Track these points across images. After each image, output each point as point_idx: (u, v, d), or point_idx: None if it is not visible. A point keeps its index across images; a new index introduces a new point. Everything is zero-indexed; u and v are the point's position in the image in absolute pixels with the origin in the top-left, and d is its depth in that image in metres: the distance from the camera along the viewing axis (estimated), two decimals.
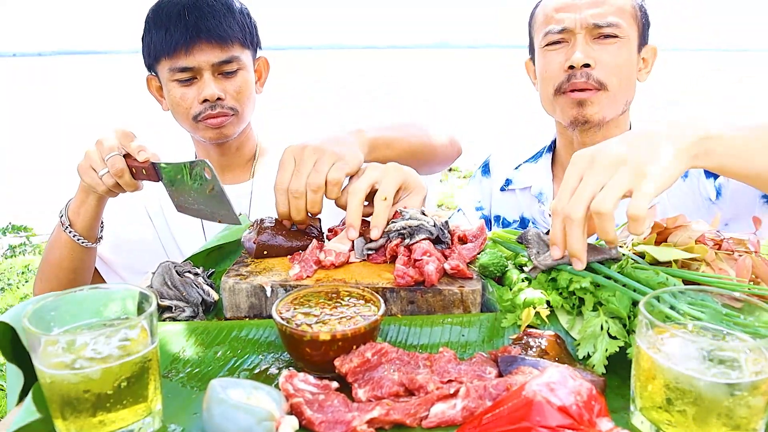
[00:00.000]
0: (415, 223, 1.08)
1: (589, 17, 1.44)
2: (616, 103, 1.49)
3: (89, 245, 1.42)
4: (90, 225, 1.40)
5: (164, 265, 1.07)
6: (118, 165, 1.24)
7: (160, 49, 1.50)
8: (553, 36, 1.49)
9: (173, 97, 1.55)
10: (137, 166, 1.25)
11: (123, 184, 1.27)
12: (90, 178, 1.28)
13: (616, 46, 1.46)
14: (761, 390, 0.63)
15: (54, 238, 1.44)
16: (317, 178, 1.13)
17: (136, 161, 1.25)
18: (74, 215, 1.39)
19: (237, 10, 1.55)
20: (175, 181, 1.25)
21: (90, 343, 0.67)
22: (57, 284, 1.47)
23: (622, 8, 1.46)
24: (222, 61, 1.51)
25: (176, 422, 0.73)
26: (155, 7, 1.54)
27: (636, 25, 1.49)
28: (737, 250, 0.97)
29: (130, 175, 1.26)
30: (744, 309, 0.74)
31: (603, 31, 1.45)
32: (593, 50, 1.46)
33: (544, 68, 1.54)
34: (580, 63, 1.44)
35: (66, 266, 1.45)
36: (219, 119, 1.54)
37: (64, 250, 1.42)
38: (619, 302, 0.85)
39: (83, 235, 1.40)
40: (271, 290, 1.00)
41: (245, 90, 1.57)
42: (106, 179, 1.26)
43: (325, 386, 0.75)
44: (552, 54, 1.51)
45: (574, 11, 1.46)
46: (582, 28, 1.45)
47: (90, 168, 1.27)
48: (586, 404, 0.63)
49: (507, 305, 0.96)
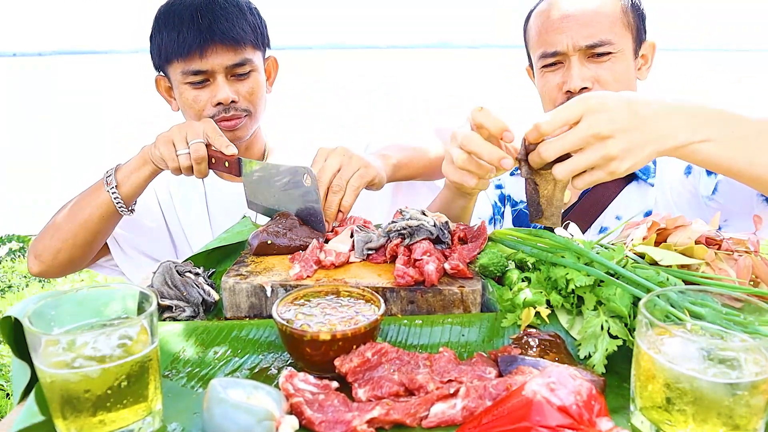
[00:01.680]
0: (415, 223, 1.08)
1: (581, 39, 1.45)
2: None
3: (124, 212, 1.45)
4: (134, 192, 1.43)
5: (165, 265, 1.07)
6: (201, 152, 1.31)
7: (172, 51, 1.50)
8: (548, 59, 1.51)
9: (186, 99, 1.54)
10: (219, 157, 1.31)
11: (197, 170, 1.33)
12: (168, 151, 1.32)
13: (611, 62, 1.47)
14: (761, 390, 0.63)
15: (86, 197, 1.45)
16: (339, 182, 1.24)
17: (219, 153, 1.31)
18: (124, 178, 1.41)
19: (248, 10, 1.55)
20: (257, 179, 1.29)
21: (90, 343, 0.67)
22: (72, 243, 1.48)
23: (612, 21, 1.46)
24: (235, 63, 1.51)
25: (176, 422, 0.73)
26: (165, 8, 1.53)
27: (629, 31, 1.49)
28: (737, 250, 0.97)
29: (207, 165, 1.33)
30: (744, 309, 0.74)
31: (596, 50, 1.45)
32: (589, 70, 1.47)
33: (543, 89, 1.57)
34: (577, 88, 1.46)
35: (91, 227, 1.46)
36: (233, 122, 1.55)
37: (97, 211, 1.44)
38: (620, 300, 0.85)
39: (124, 200, 1.42)
40: (271, 290, 1.00)
41: (257, 91, 1.58)
42: (183, 159, 1.32)
43: (325, 386, 0.75)
44: (549, 75, 1.53)
45: (566, 32, 1.46)
46: (575, 51, 1.46)
47: (171, 142, 1.33)
48: (586, 404, 0.63)
49: (507, 305, 0.96)
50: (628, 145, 0.88)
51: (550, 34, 1.48)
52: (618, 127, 0.88)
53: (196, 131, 1.32)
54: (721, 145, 0.94)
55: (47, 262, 1.51)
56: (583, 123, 0.89)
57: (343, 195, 1.24)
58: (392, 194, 1.77)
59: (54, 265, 1.51)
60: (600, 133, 0.88)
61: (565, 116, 0.90)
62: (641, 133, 0.89)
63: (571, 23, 1.45)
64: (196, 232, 1.67)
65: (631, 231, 1.09)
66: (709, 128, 0.94)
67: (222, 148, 1.30)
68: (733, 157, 0.96)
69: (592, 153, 0.89)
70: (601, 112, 0.88)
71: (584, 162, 0.89)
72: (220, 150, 1.31)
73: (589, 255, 0.92)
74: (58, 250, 1.49)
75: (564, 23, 1.46)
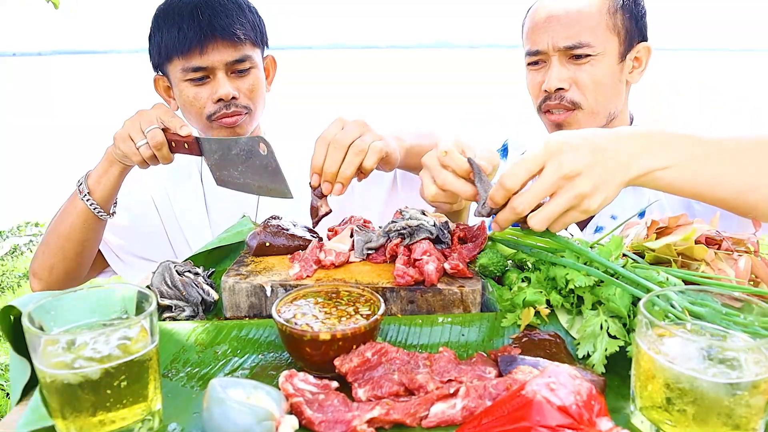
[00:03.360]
0: (415, 223, 1.08)
1: (561, 40, 1.46)
2: (595, 117, 1.53)
3: (104, 216, 1.45)
4: (109, 195, 1.43)
5: (164, 265, 1.07)
6: (158, 138, 1.29)
7: (172, 48, 1.49)
8: (531, 57, 1.54)
9: (186, 97, 1.54)
10: (177, 140, 1.30)
11: (160, 156, 1.32)
12: (127, 146, 1.32)
13: (589, 65, 1.47)
14: (761, 389, 0.63)
15: (66, 209, 1.46)
16: (361, 143, 1.13)
17: (176, 135, 1.30)
18: (95, 184, 1.41)
19: (247, 7, 1.55)
20: (219, 156, 1.28)
21: (90, 343, 0.67)
22: (62, 257, 1.48)
23: (595, 24, 1.46)
24: (235, 60, 1.51)
25: (176, 422, 0.73)
26: (164, 6, 1.52)
27: (615, 34, 1.49)
28: (737, 250, 0.97)
29: (168, 149, 1.32)
30: (744, 309, 0.74)
31: (575, 52, 1.46)
32: (568, 70, 1.48)
33: (528, 85, 1.60)
34: (553, 88, 1.48)
35: (75, 237, 1.46)
36: (234, 118, 1.55)
37: (77, 220, 1.44)
38: (620, 300, 0.85)
39: (100, 204, 1.42)
40: (271, 290, 1.00)
41: (258, 88, 1.58)
42: (144, 150, 1.31)
43: (325, 386, 0.75)
44: (533, 73, 1.56)
45: (548, 32, 1.48)
46: (555, 51, 1.48)
47: (128, 137, 1.32)
48: (585, 404, 0.63)
49: (507, 305, 0.96)
50: (596, 179, 0.88)
51: (535, 33, 1.51)
52: (583, 163, 0.88)
53: (149, 118, 1.31)
54: (685, 169, 0.94)
55: (45, 279, 1.52)
56: (548, 168, 0.88)
57: (365, 157, 1.15)
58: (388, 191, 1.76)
59: (51, 281, 1.52)
60: (568, 173, 0.87)
61: (529, 167, 0.90)
62: (605, 166, 0.89)
63: (553, 24, 1.47)
64: (196, 232, 1.67)
65: (630, 231, 1.09)
66: (670, 152, 0.94)
67: (177, 129, 1.29)
68: (696, 181, 0.95)
69: (564, 195, 0.88)
70: (564, 152, 0.88)
71: (559, 207, 0.89)
72: (176, 131, 1.30)
73: (589, 254, 0.92)
74: (51, 266, 1.50)
75: (547, 23, 1.48)
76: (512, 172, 0.89)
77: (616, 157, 0.90)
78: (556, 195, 0.89)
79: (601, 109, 1.52)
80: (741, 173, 0.97)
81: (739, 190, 0.97)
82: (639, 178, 0.93)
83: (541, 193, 0.89)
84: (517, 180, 0.89)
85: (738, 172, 0.97)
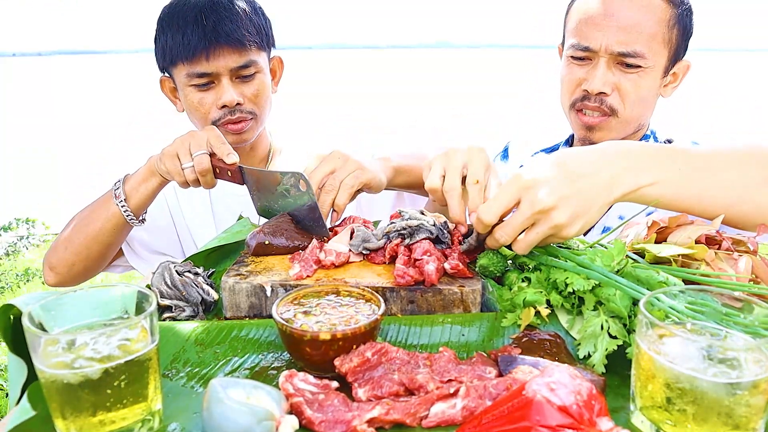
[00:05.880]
0: (415, 223, 1.08)
1: (615, 44, 1.39)
2: (626, 127, 1.50)
3: (135, 223, 1.44)
4: (143, 204, 1.42)
5: (164, 265, 1.07)
6: (205, 164, 1.29)
7: (177, 53, 1.48)
8: (577, 52, 1.47)
9: (191, 101, 1.54)
10: (222, 167, 1.30)
11: (203, 182, 1.32)
12: (173, 165, 1.31)
13: (637, 75, 1.43)
14: (761, 389, 0.63)
15: (97, 210, 1.45)
16: (332, 182, 1.22)
17: (222, 162, 1.29)
18: (132, 191, 1.40)
19: (252, 10, 1.54)
20: (260, 187, 1.28)
21: (90, 343, 0.67)
22: (86, 256, 1.48)
23: (652, 35, 1.40)
24: (240, 65, 1.50)
25: (176, 422, 0.73)
26: (169, 9, 1.51)
27: (667, 49, 1.44)
28: (737, 250, 0.97)
29: (213, 175, 1.32)
30: (744, 309, 0.74)
31: (626, 60, 1.41)
32: (613, 75, 1.43)
33: (564, 77, 1.54)
34: (596, 91, 1.44)
35: (103, 240, 1.46)
36: (240, 125, 1.55)
37: (108, 224, 1.44)
38: (620, 301, 0.85)
39: (133, 211, 1.42)
40: (271, 290, 1.00)
41: (263, 93, 1.57)
42: (188, 173, 1.30)
43: (325, 386, 0.75)
44: (574, 68, 1.49)
45: (603, 30, 1.41)
46: (606, 53, 1.41)
47: (175, 156, 1.31)
48: (586, 404, 0.63)
49: (507, 305, 0.96)
50: (572, 209, 0.89)
51: (589, 28, 1.43)
52: (557, 196, 0.88)
53: (199, 142, 1.30)
54: (671, 185, 0.95)
55: (62, 273, 1.52)
56: (523, 203, 0.90)
57: (336, 194, 1.23)
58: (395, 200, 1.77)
59: (69, 276, 1.52)
60: (543, 208, 0.88)
61: (503, 203, 0.92)
62: (582, 195, 0.90)
63: (611, 24, 1.40)
64: (201, 231, 1.68)
65: (630, 231, 1.08)
66: (656, 169, 0.94)
67: (223, 157, 1.29)
68: (683, 195, 0.96)
69: (542, 227, 0.90)
70: (535, 188, 0.89)
71: (538, 236, 0.91)
72: (222, 159, 1.29)
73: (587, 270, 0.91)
74: (72, 263, 1.50)
75: (605, 21, 1.41)
76: (488, 208, 0.93)
77: (595, 182, 0.91)
78: (534, 226, 0.91)
79: (634, 119, 1.49)
80: (728, 187, 0.97)
81: (727, 203, 0.97)
82: (625, 196, 0.94)
83: (520, 226, 0.92)
84: (492, 216, 0.93)
85: (725, 186, 0.97)
